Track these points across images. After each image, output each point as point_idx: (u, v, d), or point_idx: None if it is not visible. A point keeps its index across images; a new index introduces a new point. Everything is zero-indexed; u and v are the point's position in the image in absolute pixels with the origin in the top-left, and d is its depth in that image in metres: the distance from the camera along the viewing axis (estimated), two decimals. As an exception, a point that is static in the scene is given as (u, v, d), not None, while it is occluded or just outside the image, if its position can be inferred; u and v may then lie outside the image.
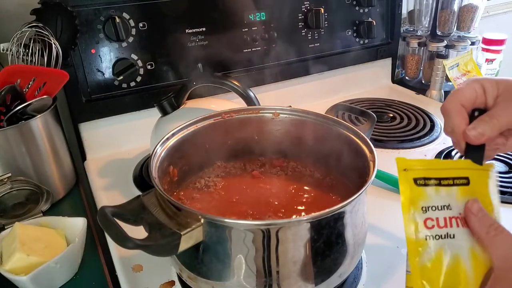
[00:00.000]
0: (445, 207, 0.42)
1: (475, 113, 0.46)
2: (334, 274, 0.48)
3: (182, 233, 0.43)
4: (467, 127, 0.44)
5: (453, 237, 0.42)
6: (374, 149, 0.53)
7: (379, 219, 0.67)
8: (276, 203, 0.58)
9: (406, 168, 0.43)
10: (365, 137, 0.56)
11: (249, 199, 0.59)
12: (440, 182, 0.43)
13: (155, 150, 0.55)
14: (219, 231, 0.44)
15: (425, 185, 0.43)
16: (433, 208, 0.42)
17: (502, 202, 0.72)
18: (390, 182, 0.75)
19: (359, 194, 0.45)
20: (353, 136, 0.58)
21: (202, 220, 0.44)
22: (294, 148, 0.66)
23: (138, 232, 0.45)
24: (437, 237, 0.42)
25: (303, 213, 0.56)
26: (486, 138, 0.43)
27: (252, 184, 0.63)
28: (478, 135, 0.43)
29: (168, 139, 0.58)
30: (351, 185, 0.59)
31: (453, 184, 0.43)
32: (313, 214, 0.43)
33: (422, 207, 0.42)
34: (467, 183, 0.43)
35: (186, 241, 0.43)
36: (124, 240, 0.42)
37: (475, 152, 0.45)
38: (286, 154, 0.67)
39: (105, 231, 0.44)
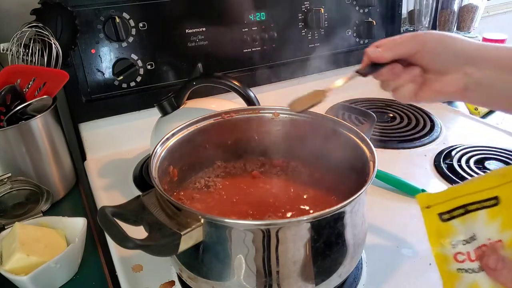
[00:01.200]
0: (472, 239, 0.40)
1: None
2: (334, 274, 0.48)
3: (182, 233, 0.43)
4: None
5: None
6: (374, 149, 0.53)
7: (379, 219, 0.67)
8: (276, 203, 0.58)
9: (428, 205, 0.41)
10: (365, 137, 0.56)
11: (249, 199, 0.59)
12: (466, 209, 0.40)
13: (155, 150, 0.55)
14: (219, 231, 0.44)
15: (451, 218, 0.41)
16: (463, 243, 0.41)
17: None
18: (390, 182, 0.75)
19: (359, 194, 0.45)
20: (353, 136, 0.58)
21: (202, 220, 0.44)
22: (294, 148, 0.66)
23: (138, 232, 0.45)
24: (470, 270, 0.40)
25: (304, 213, 0.56)
26: (381, 57, 0.53)
27: (252, 184, 0.63)
28: (374, 52, 0.53)
29: (168, 139, 0.58)
30: (351, 185, 0.59)
31: (481, 208, 0.40)
32: (313, 214, 0.43)
33: (451, 242, 0.41)
34: (496, 203, 0.39)
35: (186, 241, 0.43)
36: (124, 240, 0.42)
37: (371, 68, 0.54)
38: (286, 154, 0.67)
39: (105, 231, 0.44)
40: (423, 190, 0.73)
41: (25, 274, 0.54)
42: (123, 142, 0.92)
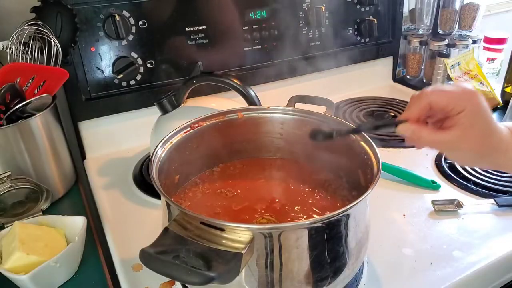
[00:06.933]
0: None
1: None
2: (337, 278, 0.48)
3: (243, 252, 0.39)
4: None
5: None
6: (377, 150, 0.53)
7: (379, 219, 0.67)
8: (277, 205, 0.57)
9: None
10: (368, 138, 0.55)
11: (249, 200, 0.59)
12: None
13: (155, 152, 0.54)
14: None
15: None
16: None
17: (504, 206, 0.71)
18: (393, 173, 0.76)
19: (363, 198, 0.44)
20: (356, 137, 0.57)
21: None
22: (295, 148, 0.66)
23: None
24: None
25: (306, 214, 0.56)
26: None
27: (252, 184, 0.63)
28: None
29: (167, 140, 0.57)
30: (353, 187, 0.59)
31: None
32: (317, 218, 0.43)
33: None
34: None
35: (246, 259, 0.40)
36: (194, 276, 0.38)
37: None
38: (286, 154, 0.67)
39: (165, 273, 0.40)
40: (432, 181, 0.75)
41: (25, 273, 0.54)
42: (123, 141, 0.92)
